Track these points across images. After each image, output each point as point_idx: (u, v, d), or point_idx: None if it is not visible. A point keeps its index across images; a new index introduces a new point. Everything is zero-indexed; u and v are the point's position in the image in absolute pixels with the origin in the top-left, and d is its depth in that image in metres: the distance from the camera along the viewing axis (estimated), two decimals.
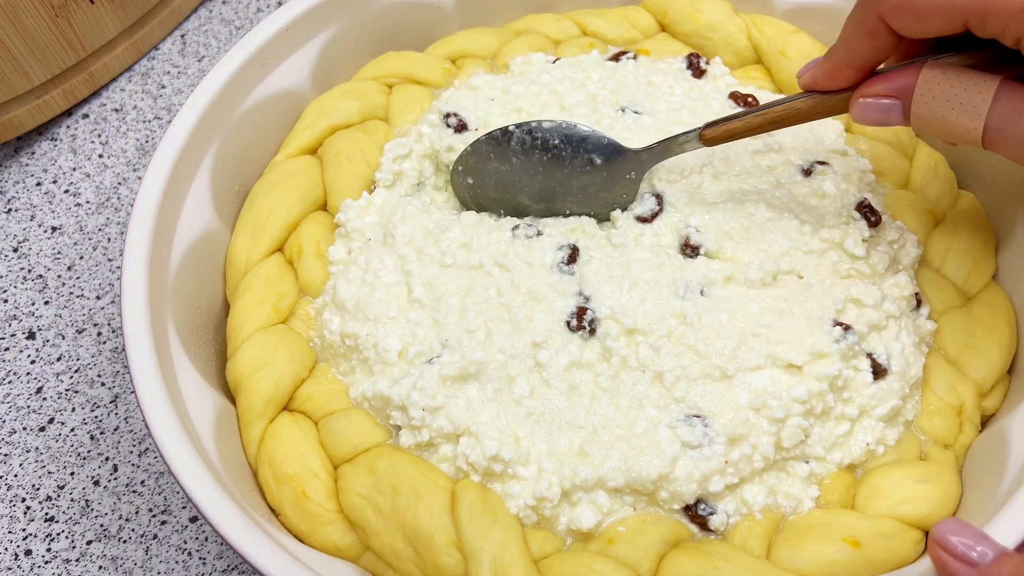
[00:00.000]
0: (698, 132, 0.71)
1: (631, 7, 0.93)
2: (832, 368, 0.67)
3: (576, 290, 0.72)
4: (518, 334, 0.70)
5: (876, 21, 0.59)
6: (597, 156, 0.75)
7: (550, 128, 0.75)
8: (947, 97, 0.59)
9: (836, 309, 0.70)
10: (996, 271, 0.77)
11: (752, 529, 0.65)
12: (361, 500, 0.66)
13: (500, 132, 0.76)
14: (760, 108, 0.68)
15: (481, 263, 0.74)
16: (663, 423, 0.66)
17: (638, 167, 0.75)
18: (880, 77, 0.63)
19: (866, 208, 0.74)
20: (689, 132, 0.71)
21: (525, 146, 0.76)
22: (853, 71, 0.63)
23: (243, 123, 0.82)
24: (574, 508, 0.65)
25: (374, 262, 0.75)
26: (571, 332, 0.70)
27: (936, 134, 0.61)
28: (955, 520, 0.55)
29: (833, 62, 0.64)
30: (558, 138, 0.75)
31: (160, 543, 0.80)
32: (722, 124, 0.70)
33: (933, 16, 0.56)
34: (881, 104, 0.62)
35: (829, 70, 0.64)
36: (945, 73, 0.59)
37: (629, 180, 0.75)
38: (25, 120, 1.01)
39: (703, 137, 0.71)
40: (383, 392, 0.69)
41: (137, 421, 0.86)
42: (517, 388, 0.68)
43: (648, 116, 0.80)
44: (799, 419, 0.66)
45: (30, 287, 0.94)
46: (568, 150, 0.75)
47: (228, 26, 1.14)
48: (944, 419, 0.70)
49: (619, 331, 0.69)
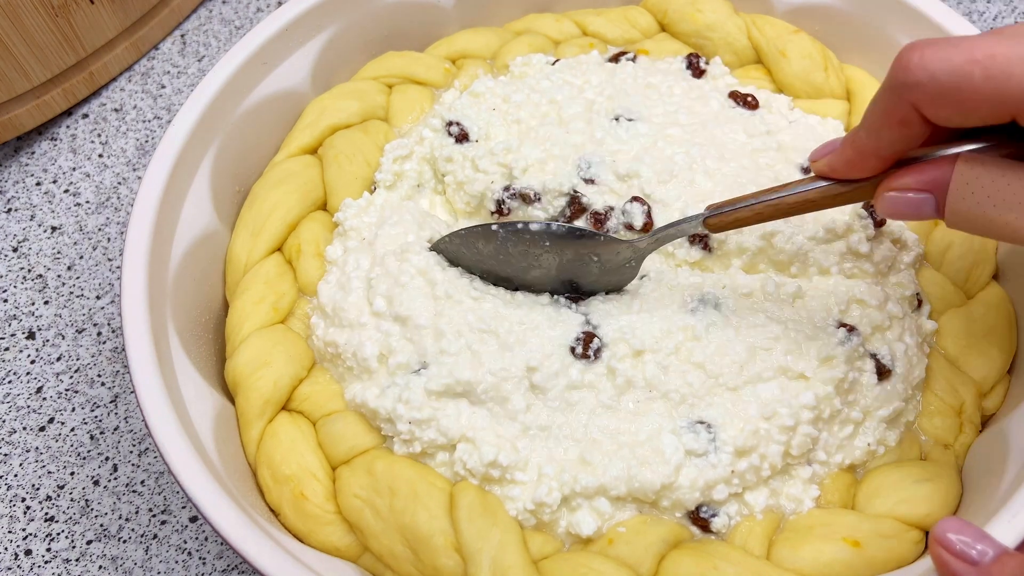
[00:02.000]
0: (702, 219, 0.66)
1: (631, 7, 0.93)
2: (838, 371, 0.66)
3: (582, 320, 0.70)
4: (509, 356, 0.68)
5: (908, 110, 0.52)
6: (592, 254, 0.71)
7: (539, 231, 0.70)
8: (988, 193, 0.52)
9: (840, 310, 0.70)
10: (996, 271, 0.77)
11: (752, 529, 0.65)
12: (359, 502, 0.66)
13: (481, 228, 0.72)
14: (771, 196, 0.63)
15: (448, 294, 0.71)
16: (667, 429, 0.66)
17: (637, 255, 0.71)
18: (910, 169, 0.56)
19: (872, 208, 0.74)
20: (692, 219, 0.67)
21: (512, 244, 0.72)
22: (878, 161, 0.57)
23: (243, 123, 0.82)
24: (573, 513, 0.65)
25: (350, 263, 0.75)
26: (575, 358, 0.68)
27: (975, 231, 0.55)
28: (956, 519, 0.55)
29: (856, 150, 0.57)
30: (548, 240, 0.71)
31: (160, 543, 0.79)
32: (729, 213, 0.65)
33: (978, 107, 0.50)
34: (912, 199, 0.56)
35: (850, 158, 0.58)
36: (985, 167, 0.53)
37: (629, 268, 0.72)
38: (25, 120, 1.01)
39: (707, 225, 0.66)
40: (369, 405, 0.68)
41: (137, 421, 0.86)
42: (512, 405, 0.67)
43: (643, 123, 0.79)
44: (808, 427, 0.66)
45: (30, 287, 0.94)
46: (561, 247, 0.71)
47: (228, 26, 1.14)
48: (944, 419, 0.70)
49: (626, 352, 0.68)
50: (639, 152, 0.77)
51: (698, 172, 0.75)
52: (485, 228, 0.72)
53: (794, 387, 0.66)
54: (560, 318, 0.70)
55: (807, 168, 0.77)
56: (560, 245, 0.71)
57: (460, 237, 0.73)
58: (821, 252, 0.72)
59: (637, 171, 0.75)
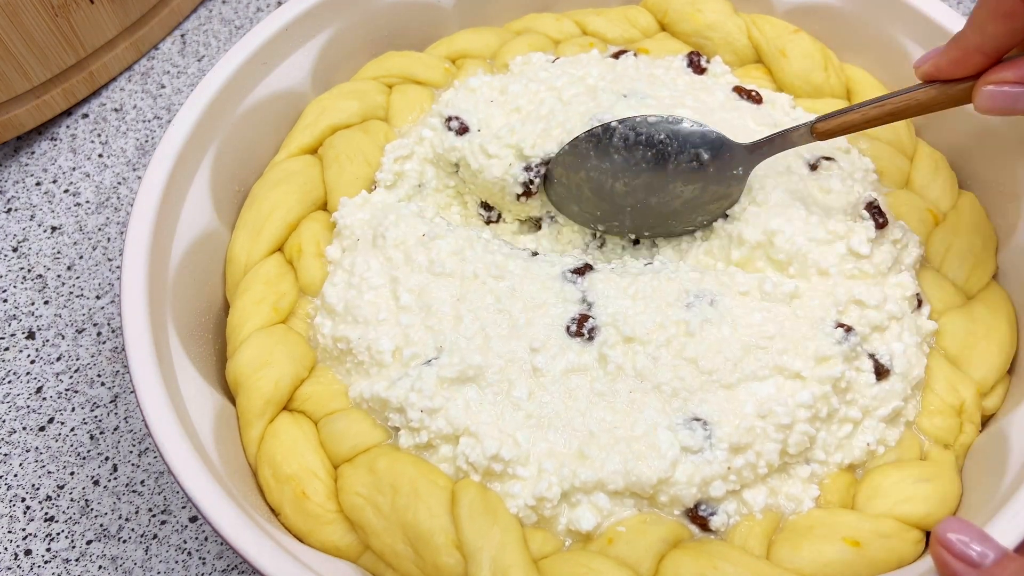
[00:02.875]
0: (810, 126, 0.68)
1: (631, 6, 0.93)
2: (835, 370, 0.66)
3: (580, 296, 0.71)
4: (516, 339, 0.69)
5: (1016, 2, 0.56)
6: (704, 151, 0.72)
7: (655, 123, 0.72)
8: None
9: (838, 310, 0.70)
10: (996, 271, 0.77)
11: (752, 529, 0.65)
12: (361, 500, 0.66)
13: (602, 129, 0.74)
14: (877, 100, 0.65)
15: (475, 273, 0.73)
16: (663, 425, 0.66)
17: (746, 163, 0.72)
18: (1009, 64, 0.59)
19: (875, 208, 0.74)
20: (800, 126, 0.69)
21: (628, 142, 0.73)
22: (983, 57, 0.59)
23: (243, 123, 0.82)
24: (573, 509, 0.65)
25: (359, 264, 0.75)
26: (570, 337, 0.69)
27: None
28: (958, 519, 0.55)
29: (961, 48, 0.60)
30: (664, 133, 0.72)
31: (160, 543, 0.79)
32: (836, 117, 0.67)
33: None
34: (1009, 92, 0.59)
35: (956, 57, 0.60)
36: None
37: (736, 176, 0.73)
38: (25, 120, 1.01)
39: (815, 131, 0.68)
40: (380, 394, 0.68)
41: (137, 421, 0.86)
42: (516, 392, 0.68)
43: (652, 99, 0.79)
44: (806, 425, 0.66)
45: (30, 287, 0.94)
46: (674, 145, 0.72)
47: (228, 26, 1.14)
48: (944, 419, 0.70)
49: (617, 338, 0.68)
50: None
51: None
52: (605, 127, 0.73)
53: (790, 386, 0.66)
54: (564, 295, 0.71)
55: (814, 164, 0.77)
56: (673, 140, 0.72)
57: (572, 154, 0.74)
58: (820, 253, 0.72)
59: None
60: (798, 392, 0.66)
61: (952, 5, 1.09)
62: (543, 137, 0.77)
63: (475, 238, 0.76)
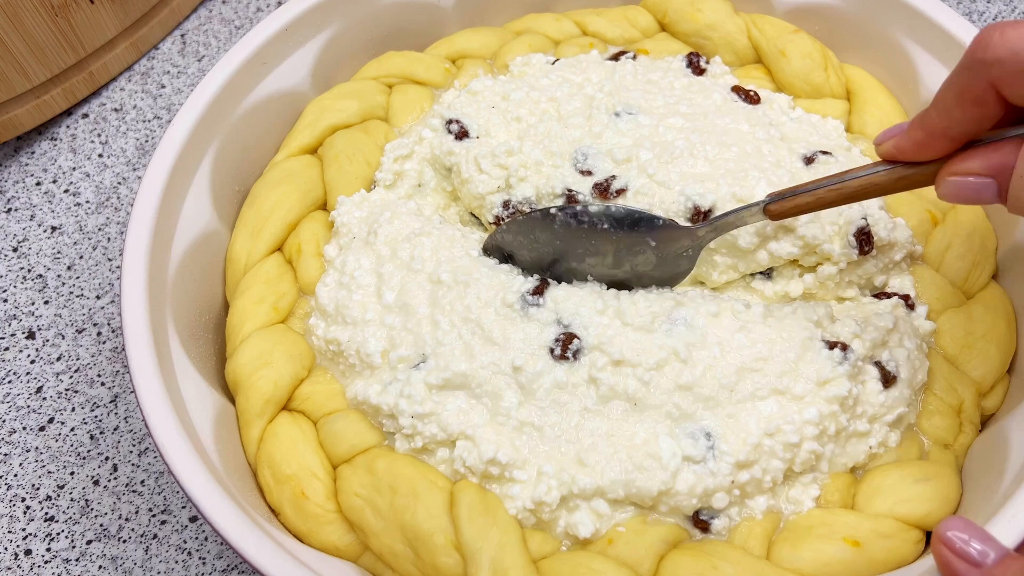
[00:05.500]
0: (762, 206, 0.65)
1: (631, 7, 0.93)
2: (842, 389, 0.65)
3: (554, 318, 0.69)
4: (497, 351, 0.68)
5: (985, 88, 0.52)
6: (651, 239, 0.70)
7: (597, 212, 0.70)
8: None
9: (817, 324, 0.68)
10: (996, 271, 0.77)
11: (752, 529, 0.65)
12: (360, 500, 0.66)
13: (541, 213, 0.71)
14: (833, 181, 0.62)
15: (440, 279, 0.71)
16: (664, 432, 0.65)
17: (695, 244, 0.70)
18: (974, 152, 0.55)
19: (863, 236, 0.71)
20: (752, 206, 0.66)
21: (570, 228, 0.71)
22: (948, 142, 0.55)
23: (243, 123, 0.82)
24: (572, 514, 0.65)
25: (350, 263, 0.74)
26: (555, 361, 0.67)
27: None
28: (960, 519, 0.55)
29: (925, 130, 0.56)
30: (607, 222, 0.70)
31: (160, 543, 0.79)
32: (790, 199, 0.64)
33: None
34: (973, 183, 0.55)
35: (919, 139, 0.56)
36: None
37: (686, 257, 0.71)
38: (25, 120, 1.01)
39: (768, 211, 0.65)
40: (371, 401, 0.68)
41: (137, 421, 0.86)
42: (504, 402, 0.67)
43: (644, 115, 0.79)
44: (813, 443, 0.65)
45: (30, 287, 0.94)
46: (619, 233, 0.70)
47: (228, 26, 1.14)
48: (944, 419, 0.70)
49: (605, 361, 0.66)
50: (638, 139, 0.77)
51: (699, 157, 0.75)
52: (544, 212, 0.71)
53: (794, 405, 0.65)
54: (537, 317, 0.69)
55: (810, 158, 0.76)
56: (618, 229, 0.70)
57: (518, 224, 0.73)
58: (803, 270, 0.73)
59: (636, 154, 0.75)
60: (805, 409, 0.65)
61: (952, 5, 1.09)
62: (533, 171, 0.77)
63: (458, 237, 0.75)
